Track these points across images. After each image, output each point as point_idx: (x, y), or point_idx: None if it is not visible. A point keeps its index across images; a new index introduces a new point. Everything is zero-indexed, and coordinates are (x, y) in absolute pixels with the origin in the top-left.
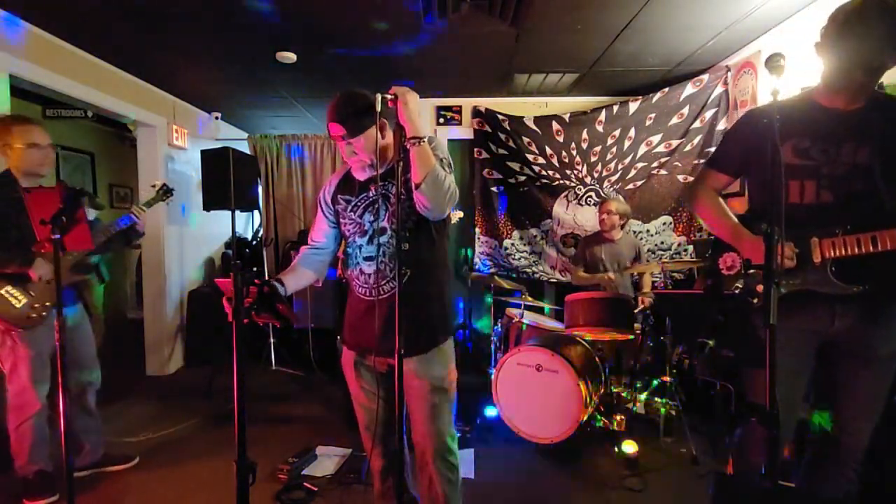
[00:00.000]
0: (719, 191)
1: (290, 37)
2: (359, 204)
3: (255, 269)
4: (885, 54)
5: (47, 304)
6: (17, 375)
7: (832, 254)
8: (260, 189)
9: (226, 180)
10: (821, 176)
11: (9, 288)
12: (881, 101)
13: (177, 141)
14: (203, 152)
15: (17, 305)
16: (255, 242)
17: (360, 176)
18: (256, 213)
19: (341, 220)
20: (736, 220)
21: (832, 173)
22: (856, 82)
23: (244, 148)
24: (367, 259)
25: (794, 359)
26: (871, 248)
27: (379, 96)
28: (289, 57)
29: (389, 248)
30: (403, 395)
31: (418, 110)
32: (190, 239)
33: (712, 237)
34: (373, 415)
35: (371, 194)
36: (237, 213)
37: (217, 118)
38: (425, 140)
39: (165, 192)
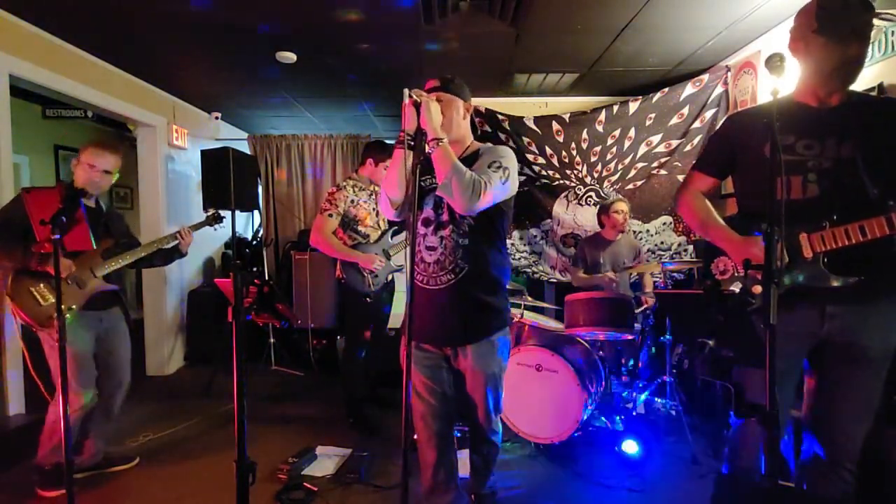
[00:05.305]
0: (706, 193)
1: (290, 37)
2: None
3: (255, 269)
4: (860, 47)
5: (73, 305)
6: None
7: (822, 247)
8: (260, 189)
9: (226, 180)
10: (806, 171)
11: (41, 286)
12: (858, 97)
13: (177, 141)
14: (203, 152)
15: (43, 304)
16: (255, 242)
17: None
18: (256, 213)
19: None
20: (723, 222)
21: (817, 168)
22: (834, 78)
23: (244, 148)
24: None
25: (783, 360)
26: (860, 237)
27: (406, 91)
28: (289, 57)
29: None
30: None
31: (438, 118)
32: None
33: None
34: (429, 407)
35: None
36: (237, 213)
37: (217, 118)
38: (444, 141)
39: (215, 219)
